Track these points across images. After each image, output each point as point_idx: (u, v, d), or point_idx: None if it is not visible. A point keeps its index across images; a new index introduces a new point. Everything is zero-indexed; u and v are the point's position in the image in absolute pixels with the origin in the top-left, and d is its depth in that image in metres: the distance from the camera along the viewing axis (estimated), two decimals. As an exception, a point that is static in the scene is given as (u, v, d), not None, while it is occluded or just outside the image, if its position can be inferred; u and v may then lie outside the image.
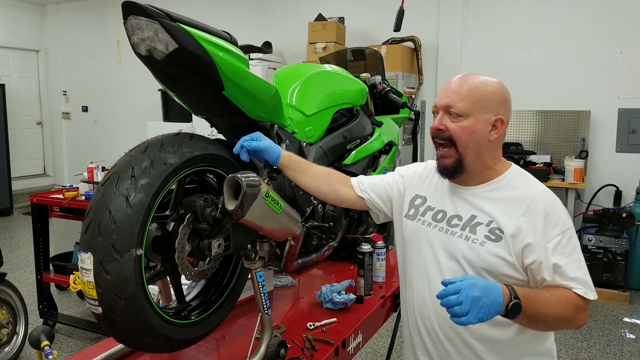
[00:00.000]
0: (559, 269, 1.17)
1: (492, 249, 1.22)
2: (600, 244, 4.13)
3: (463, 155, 1.25)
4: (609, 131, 4.64)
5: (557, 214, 1.22)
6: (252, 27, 6.27)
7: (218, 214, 1.25)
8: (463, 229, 1.28)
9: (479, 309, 1.04)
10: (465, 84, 1.26)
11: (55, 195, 3.43)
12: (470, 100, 1.24)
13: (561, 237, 1.19)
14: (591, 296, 1.18)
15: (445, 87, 1.29)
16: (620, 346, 3.37)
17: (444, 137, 1.26)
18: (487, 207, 1.27)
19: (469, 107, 1.24)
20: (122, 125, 7.53)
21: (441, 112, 1.27)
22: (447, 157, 1.27)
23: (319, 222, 1.73)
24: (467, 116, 1.24)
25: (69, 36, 7.96)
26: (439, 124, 1.27)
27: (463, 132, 1.24)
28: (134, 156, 1.12)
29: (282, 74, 1.90)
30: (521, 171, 1.33)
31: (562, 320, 1.17)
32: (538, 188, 1.28)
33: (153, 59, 1.16)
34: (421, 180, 1.44)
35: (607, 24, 4.57)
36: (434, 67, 5.34)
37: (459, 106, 1.24)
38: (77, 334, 3.49)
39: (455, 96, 1.25)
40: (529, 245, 1.19)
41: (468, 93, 1.24)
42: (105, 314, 1.05)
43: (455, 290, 1.06)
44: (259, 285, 1.35)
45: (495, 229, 1.23)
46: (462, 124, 1.24)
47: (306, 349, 1.43)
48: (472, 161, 1.26)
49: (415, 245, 1.37)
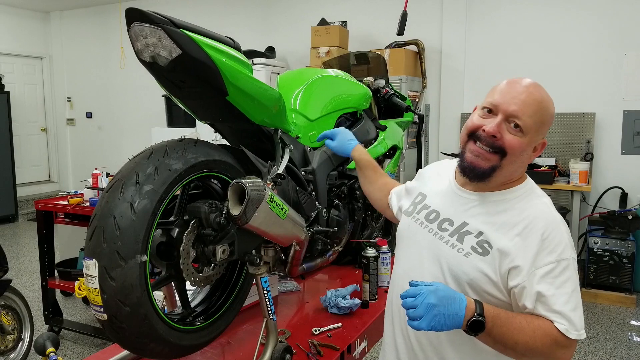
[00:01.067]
0: (542, 298, 1.07)
1: (476, 263, 1.14)
2: (606, 247, 4.10)
3: (502, 166, 1.14)
4: (614, 133, 4.62)
5: (557, 240, 1.10)
6: (255, 32, 6.29)
7: (222, 220, 1.24)
8: (452, 235, 1.20)
9: (433, 317, 1.01)
10: (535, 97, 1.14)
11: (60, 201, 3.44)
12: (537, 119, 1.13)
13: (555, 266, 1.08)
14: (574, 335, 1.05)
15: (513, 89, 1.15)
16: (627, 349, 3.34)
17: (494, 145, 1.13)
18: (483, 217, 1.18)
19: (534, 126, 1.13)
20: (127, 131, 7.56)
21: (501, 116, 1.13)
22: (486, 160, 1.15)
23: (323, 226, 1.73)
24: (528, 134, 1.13)
25: (73, 43, 8.01)
26: (497, 130, 1.13)
27: (518, 147, 1.13)
28: (139, 162, 1.12)
29: (286, 79, 1.90)
30: (533, 187, 1.22)
31: (534, 352, 1.06)
32: (544, 209, 1.16)
33: (157, 65, 1.16)
34: (427, 178, 1.40)
35: (611, 25, 4.56)
36: (438, 71, 5.33)
37: (527, 121, 1.12)
38: (82, 340, 3.49)
39: (526, 109, 1.12)
40: (516, 267, 1.10)
41: (538, 110, 1.13)
42: (111, 320, 1.05)
43: (414, 293, 1.04)
44: (264, 290, 1.35)
45: (484, 242, 1.14)
46: (521, 140, 1.13)
47: (312, 355, 1.43)
48: (502, 175, 1.16)
49: (404, 242, 1.34)
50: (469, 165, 1.18)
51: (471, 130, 1.18)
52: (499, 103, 1.14)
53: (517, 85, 1.15)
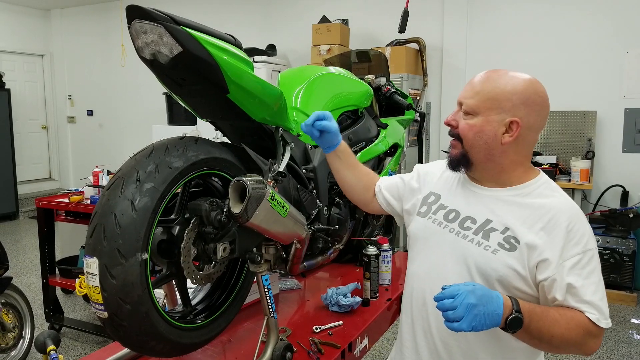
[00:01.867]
0: (572, 290, 1.09)
1: (505, 259, 1.15)
2: (607, 245, 4.10)
3: (467, 152, 1.21)
4: (615, 131, 4.61)
5: (581, 232, 1.13)
6: (257, 30, 6.28)
7: (223, 218, 1.24)
8: (476, 233, 1.20)
9: (474, 317, 1.00)
10: (485, 80, 1.20)
11: (61, 199, 3.44)
12: (482, 98, 1.18)
13: (581, 257, 1.11)
14: (604, 324, 1.09)
15: (469, 81, 1.25)
16: (628, 347, 3.34)
17: (453, 132, 1.24)
18: (505, 213, 1.19)
19: (479, 105, 1.18)
20: (127, 129, 7.57)
21: (457, 107, 1.24)
22: (454, 147, 1.25)
23: (324, 224, 1.73)
24: (476, 115, 1.18)
25: (74, 40, 8.01)
26: (451, 119, 1.24)
27: (469, 130, 1.19)
28: (139, 160, 1.12)
29: (287, 77, 1.90)
30: (549, 181, 1.24)
31: (568, 343, 1.09)
32: (564, 201, 1.18)
33: (157, 62, 1.15)
34: (436, 177, 1.38)
35: (612, 23, 4.55)
36: (439, 69, 5.33)
37: (468, 103, 1.20)
38: (83, 337, 3.50)
39: (469, 92, 1.21)
40: (545, 260, 1.11)
41: (481, 90, 1.19)
42: (111, 318, 1.05)
43: (451, 294, 1.03)
44: (264, 288, 1.35)
45: (511, 237, 1.16)
46: (470, 122, 1.19)
47: (312, 352, 1.42)
48: (481, 161, 1.21)
49: (421, 244, 1.32)
50: (448, 157, 1.28)
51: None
52: (459, 96, 1.25)
53: (473, 78, 1.25)
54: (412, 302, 1.32)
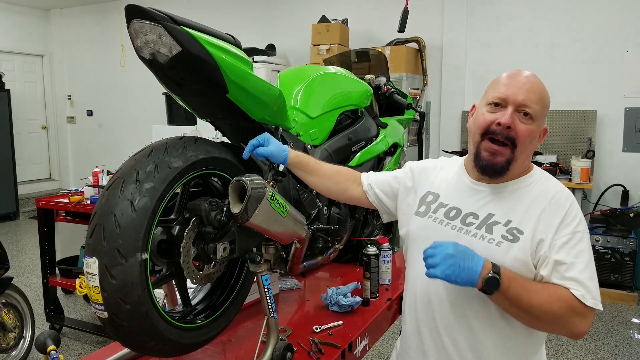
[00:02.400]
0: (559, 267, 1.13)
1: (509, 250, 1.17)
2: (607, 245, 4.10)
3: (516, 157, 1.19)
4: (615, 130, 4.60)
5: (573, 215, 1.18)
6: (256, 30, 6.28)
7: (223, 218, 1.24)
8: (479, 228, 1.22)
9: (449, 266, 1.07)
10: (539, 85, 1.20)
11: (61, 199, 3.44)
12: (542, 105, 1.19)
13: (570, 237, 1.15)
14: (590, 302, 1.10)
15: (517, 80, 1.20)
16: (629, 347, 3.34)
17: (509, 136, 1.17)
18: (507, 206, 1.22)
19: (540, 111, 1.19)
20: (127, 129, 7.56)
21: (512, 107, 1.17)
22: (501, 155, 1.19)
23: (324, 224, 1.73)
24: (535, 120, 1.19)
25: (73, 41, 8.01)
26: (511, 120, 1.16)
27: (529, 135, 1.18)
28: (139, 160, 1.12)
29: (286, 76, 1.90)
30: (543, 172, 1.29)
31: (550, 316, 1.10)
32: (559, 188, 1.24)
33: (157, 62, 1.15)
34: (433, 176, 1.38)
35: (613, 22, 4.55)
36: (439, 68, 5.32)
37: (535, 108, 1.17)
38: (83, 337, 3.50)
39: (533, 96, 1.17)
40: (542, 241, 1.16)
41: (542, 97, 1.19)
42: (111, 318, 1.05)
43: (434, 245, 1.11)
44: (264, 288, 1.35)
45: (514, 229, 1.19)
46: (530, 127, 1.18)
47: (313, 352, 1.42)
48: (517, 165, 1.21)
49: (421, 243, 1.29)
50: (487, 164, 1.21)
51: (485, 127, 1.20)
52: (507, 95, 1.18)
53: (519, 77, 1.21)
54: (416, 302, 1.32)
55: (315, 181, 1.45)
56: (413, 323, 1.33)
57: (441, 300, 1.25)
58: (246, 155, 1.33)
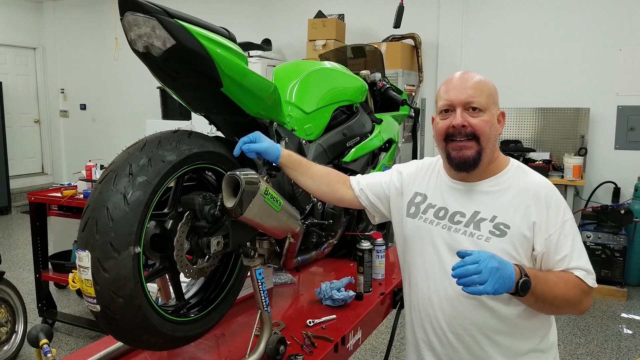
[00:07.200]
0: (561, 262, 1.22)
1: (498, 244, 1.23)
2: (598, 241, 4.14)
3: (483, 147, 1.27)
4: (608, 128, 4.64)
5: (557, 204, 1.25)
6: (252, 24, 6.25)
7: (217, 212, 1.24)
8: (467, 225, 1.28)
9: (497, 279, 1.07)
10: (473, 79, 1.29)
11: (54, 193, 3.42)
12: (486, 95, 1.27)
13: (561, 230, 1.23)
14: (591, 282, 1.21)
15: (454, 84, 1.29)
16: (617, 342, 3.38)
17: (467, 133, 1.26)
18: (491, 202, 1.28)
19: (487, 101, 1.27)
20: (121, 123, 7.51)
21: (460, 108, 1.27)
22: (468, 149, 1.27)
23: (318, 219, 1.73)
24: (486, 110, 1.27)
25: (67, 33, 7.93)
26: (463, 120, 1.26)
27: (486, 125, 1.26)
28: (132, 154, 1.11)
29: (282, 71, 1.90)
30: (520, 165, 1.35)
31: (568, 302, 1.20)
32: (538, 179, 1.30)
33: (150, 55, 1.15)
34: (419, 178, 1.44)
35: (606, 21, 4.57)
36: (434, 65, 5.33)
37: (480, 101, 1.26)
38: (76, 332, 3.49)
39: (473, 92, 1.26)
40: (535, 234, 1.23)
41: (482, 88, 1.27)
42: (104, 312, 1.04)
43: (473, 260, 1.08)
44: (258, 282, 1.35)
45: (500, 224, 1.25)
46: (483, 118, 1.26)
47: (305, 346, 1.43)
48: (487, 154, 1.28)
49: (417, 244, 1.37)
50: (460, 160, 1.28)
51: (443, 133, 1.30)
52: (451, 99, 1.28)
53: (454, 80, 1.31)
54: (419, 305, 1.38)
55: (306, 181, 1.46)
56: (419, 325, 1.39)
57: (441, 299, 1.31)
58: (237, 152, 1.33)
